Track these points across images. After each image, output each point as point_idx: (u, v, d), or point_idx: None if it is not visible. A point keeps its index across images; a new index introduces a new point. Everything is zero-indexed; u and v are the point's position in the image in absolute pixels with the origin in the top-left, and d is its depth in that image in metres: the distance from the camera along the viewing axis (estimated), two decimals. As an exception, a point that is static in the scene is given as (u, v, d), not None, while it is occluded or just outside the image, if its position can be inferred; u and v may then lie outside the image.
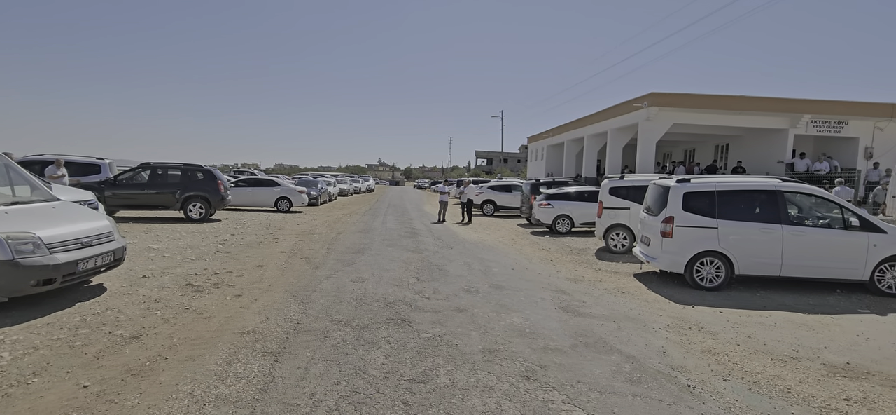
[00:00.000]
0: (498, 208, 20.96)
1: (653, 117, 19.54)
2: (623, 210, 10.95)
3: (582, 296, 6.67)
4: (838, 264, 6.99)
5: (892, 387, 3.90)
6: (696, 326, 5.45)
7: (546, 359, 4.22)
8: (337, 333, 4.68)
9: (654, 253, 7.72)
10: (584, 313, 5.80)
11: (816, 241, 7.02)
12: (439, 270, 8.12)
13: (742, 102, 19.24)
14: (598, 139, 25.59)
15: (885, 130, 19.34)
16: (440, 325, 5.05)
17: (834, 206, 7.23)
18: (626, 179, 11.50)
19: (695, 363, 4.29)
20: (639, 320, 5.56)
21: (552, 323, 5.31)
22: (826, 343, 4.93)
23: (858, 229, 6.96)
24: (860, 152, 19.52)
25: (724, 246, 7.15)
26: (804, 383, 3.94)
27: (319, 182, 24.84)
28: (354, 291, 6.37)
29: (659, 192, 8.01)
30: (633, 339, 4.88)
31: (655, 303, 6.46)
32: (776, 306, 6.35)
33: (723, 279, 7.16)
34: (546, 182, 18.26)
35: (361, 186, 41.57)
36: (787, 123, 19.36)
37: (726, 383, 3.89)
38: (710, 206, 7.29)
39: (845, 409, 3.51)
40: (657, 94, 19.19)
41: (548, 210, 14.18)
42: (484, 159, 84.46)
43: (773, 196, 7.20)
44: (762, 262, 7.11)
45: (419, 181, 69.65)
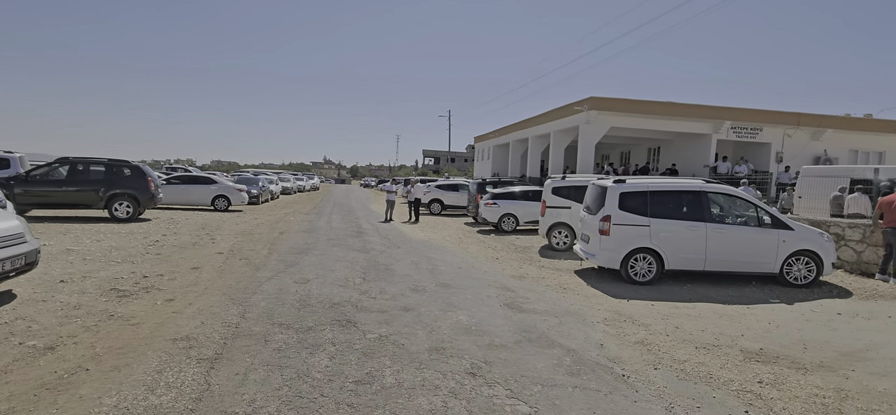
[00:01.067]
0: (445, 207, 21.10)
1: (592, 120, 20.42)
2: (565, 209, 11.38)
3: (526, 293, 6.87)
4: (754, 259, 7.65)
5: (798, 369, 4.33)
6: (630, 318, 5.77)
7: (491, 355, 4.31)
8: (279, 336, 4.53)
9: (593, 250, 8.09)
10: (527, 309, 5.97)
11: (735, 237, 7.64)
12: (386, 269, 8.06)
13: (672, 108, 20.56)
14: (541, 140, 26.41)
15: (793, 137, 21.38)
16: (387, 325, 5.02)
17: (750, 205, 7.90)
18: (567, 180, 11.95)
19: (629, 354, 4.55)
20: (578, 315, 5.81)
21: (497, 320, 5.42)
22: (743, 331, 5.38)
23: (770, 227, 7.65)
24: (772, 157, 21.44)
25: (655, 243, 7.62)
26: (724, 369, 4.28)
27: (260, 180, 23.86)
28: (298, 292, 6.19)
29: (597, 192, 8.40)
30: (574, 333, 5.09)
31: (594, 298, 6.78)
32: (701, 298, 6.85)
33: (654, 274, 7.63)
34: (492, 182, 18.62)
35: (305, 185, 40.37)
36: (711, 129, 20.91)
37: (657, 372, 4.15)
38: (643, 205, 7.74)
39: (759, 390, 3.86)
40: (596, 98, 20.08)
41: (494, 209, 14.45)
42: (431, 158, 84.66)
43: (698, 197, 7.76)
44: (689, 257, 7.64)
45: (366, 180, 68.66)
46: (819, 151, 21.54)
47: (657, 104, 20.49)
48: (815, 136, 21.44)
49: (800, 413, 3.49)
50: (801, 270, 7.56)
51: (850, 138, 21.86)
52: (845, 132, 21.73)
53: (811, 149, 21.50)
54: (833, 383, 4.03)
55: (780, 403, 3.65)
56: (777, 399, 3.70)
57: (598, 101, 20.11)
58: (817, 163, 20.50)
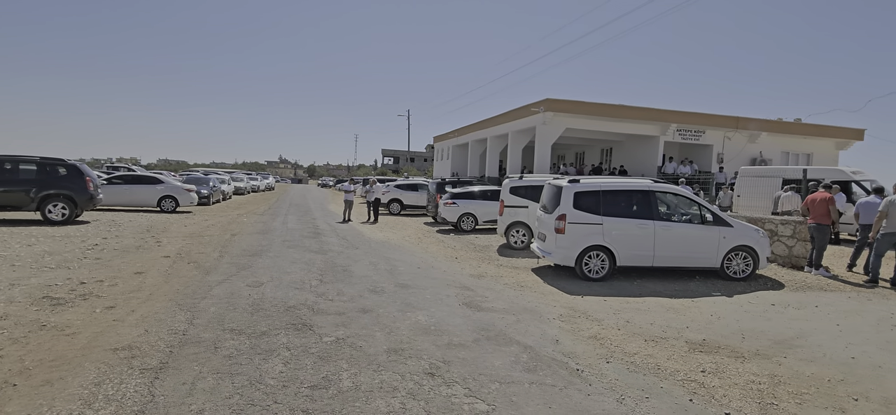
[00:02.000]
0: (404, 207, 21.01)
1: (548, 122, 20.92)
2: (522, 208, 11.59)
3: (484, 291, 6.95)
4: (697, 255, 8.07)
5: (737, 358, 4.60)
6: (584, 314, 5.95)
7: (450, 355, 4.33)
8: (230, 342, 4.36)
9: (549, 248, 8.29)
10: (486, 307, 6.04)
11: (681, 234, 8.04)
12: (344, 270, 7.93)
13: (622, 111, 21.38)
14: (500, 140, 26.80)
15: (732, 140, 22.74)
16: (344, 327, 4.94)
17: (694, 204, 8.34)
18: (524, 180, 12.18)
19: (583, 349, 4.69)
20: (535, 312, 5.93)
21: (456, 319, 5.45)
22: (688, 323, 5.67)
23: (712, 224, 8.10)
24: (714, 158, 22.72)
25: (608, 241, 7.89)
26: (671, 360, 4.50)
27: (211, 179, 22.89)
28: (251, 296, 5.98)
29: (553, 191, 8.61)
30: (531, 330, 5.20)
31: (550, 295, 6.94)
32: (649, 293, 7.16)
33: (607, 271, 7.91)
34: (451, 181, 18.71)
35: (260, 185, 39.07)
36: (659, 131, 21.91)
37: (609, 365, 4.30)
38: (596, 205, 8.01)
39: (702, 379, 4.07)
40: (552, 100, 20.58)
41: (453, 209, 14.52)
42: (391, 158, 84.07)
43: (647, 196, 8.11)
44: (639, 254, 7.97)
45: (324, 179, 67.28)
46: (755, 152, 23.03)
47: (609, 107, 21.27)
48: (752, 138, 22.91)
49: (738, 399, 3.72)
50: (740, 265, 8.05)
51: (783, 141, 23.52)
52: (778, 135, 23.35)
53: (748, 151, 22.96)
54: (768, 369, 4.32)
55: (721, 390, 3.87)
56: (718, 387, 3.92)
57: (553, 103, 20.63)
58: (754, 164, 21.92)
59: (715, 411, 3.51)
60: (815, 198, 8.63)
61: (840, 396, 3.80)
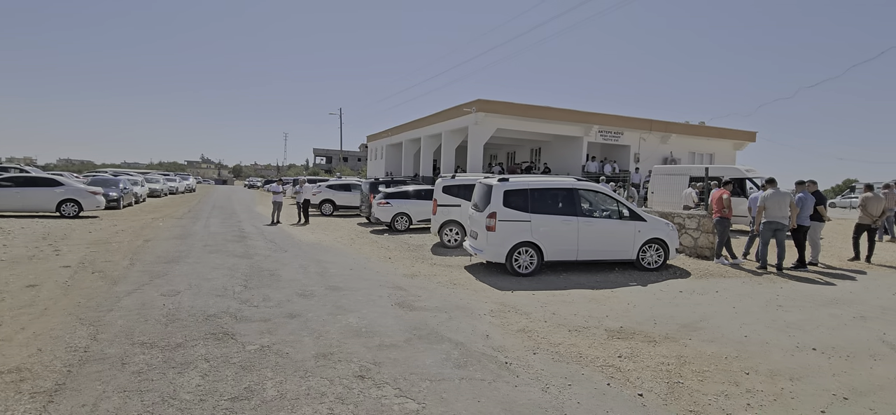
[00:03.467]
0: (337, 208, 20.52)
1: (480, 122, 21.36)
2: (455, 207, 11.74)
3: (418, 291, 6.96)
4: (617, 248, 8.63)
5: (649, 342, 4.98)
6: (514, 308, 6.15)
7: (381, 356, 4.29)
8: (140, 357, 4.02)
9: (481, 246, 8.47)
10: (419, 306, 6.06)
11: (602, 230, 8.55)
12: (271, 275, 7.60)
13: (549, 113, 22.33)
14: (433, 140, 26.96)
15: (647, 141, 24.54)
16: (270, 334, 4.74)
17: (613, 200, 8.90)
18: (457, 179, 12.35)
19: (512, 342, 4.85)
20: (467, 309, 6.04)
21: (388, 320, 5.42)
22: (607, 313, 6.05)
23: (629, 219, 8.69)
24: (631, 157, 24.39)
25: (536, 237, 8.22)
26: (592, 348, 4.77)
27: (122, 181, 20.94)
28: (165, 306, 5.56)
29: (484, 190, 8.81)
30: (462, 326, 5.29)
31: (482, 291, 7.10)
32: (574, 286, 7.55)
33: (535, 266, 8.23)
34: (385, 181, 18.54)
35: (179, 186, 36.34)
36: (582, 132, 23.14)
37: (535, 356, 4.48)
38: (525, 202, 8.31)
39: (619, 364, 4.36)
40: (483, 100, 21.04)
41: (386, 208, 14.40)
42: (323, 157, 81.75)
43: (571, 193, 8.54)
44: (564, 249, 8.38)
45: (251, 180, 63.97)
46: (667, 152, 25.02)
47: (537, 108, 22.13)
48: (664, 139, 24.86)
49: (650, 380, 4.02)
50: (653, 256, 8.71)
51: (689, 142, 25.76)
52: (686, 137, 25.54)
53: (661, 151, 24.90)
54: (675, 351, 4.71)
55: (635, 373, 4.16)
56: (633, 370, 4.22)
57: (485, 103, 21.10)
58: (665, 163, 23.81)
59: (629, 392, 3.78)
60: (717, 195, 9.54)
61: (734, 371, 4.23)
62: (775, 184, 8.91)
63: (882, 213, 9.79)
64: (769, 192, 8.78)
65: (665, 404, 3.60)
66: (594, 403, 3.57)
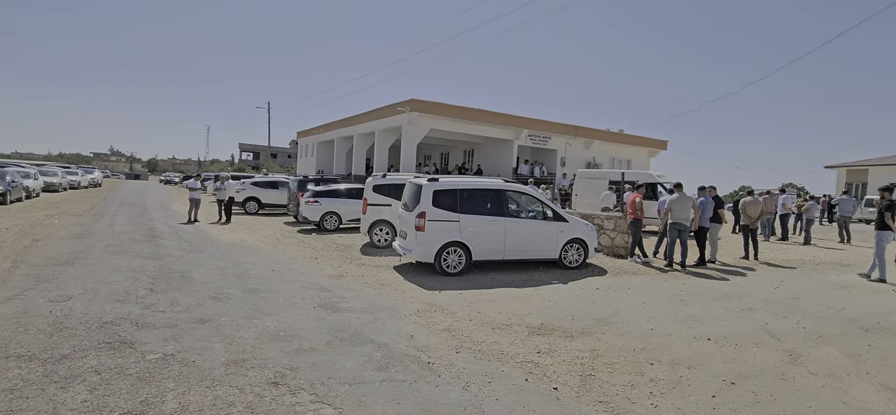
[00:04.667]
0: (263, 206, 19.55)
1: (414, 122, 21.32)
2: (385, 207, 11.61)
3: (343, 292, 6.78)
4: (541, 247, 8.96)
5: (567, 337, 5.20)
6: (440, 308, 6.17)
7: (298, 360, 4.12)
8: (14, 372, 3.55)
9: (410, 246, 8.43)
10: (343, 308, 5.90)
11: (527, 230, 8.84)
12: (182, 277, 7.06)
13: (482, 115, 22.77)
14: (366, 138, 26.53)
15: (572, 146, 25.80)
16: (175, 341, 4.38)
17: (538, 202, 9.23)
18: (388, 178, 12.22)
19: (436, 342, 4.85)
20: (393, 309, 5.97)
21: (309, 322, 5.22)
22: (529, 310, 6.25)
23: (553, 220, 9.06)
24: (558, 161, 25.52)
25: (464, 237, 8.32)
26: (513, 345, 4.90)
27: (8, 173, 18.49)
28: (52, 313, 4.96)
29: (414, 190, 8.78)
30: (387, 327, 5.21)
31: (409, 291, 7.06)
32: (500, 284, 7.73)
33: (464, 265, 8.33)
34: (315, 179, 17.95)
35: (81, 180, 32.67)
36: (513, 135, 23.84)
37: (458, 355, 4.52)
38: (454, 203, 8.38)
39: (537, 359, 4.51)
40: (417, 100, 21.03)
41: (315, 207, 13.94)
42: (250, 153, 77.68)
43: (498, 194, 8.75)
44: (491, 248, 8.56)
45: (167, 175, 59.25)
46: (590, 157, 26.46)
47: (470, 110, 22.49)
48: (587, 145, 26.28)
49: (565, 374, 4.20)
50: (574, 255, 9.15)
51: (610, 148, 27.42)
52: (607, 143, 27.16)
53: (584, 155, 26.28)
54: (590, 345, 4.96)
55: (552, 367, 4.33)
56: (550, 365, 4.38)
57: (418, 103, 21.10)
58: (588, 167, 25.17)
59: (545, 387, 3.91)
60: (631, 199, 10.22)
61: (641, 362, 4.53)
62: (682, 188, 9.69)
63: (760, 215, 11.01)
64: (675, 196, 9.54)
65: (577, 396, 3.77)
66: (512, 398, 3.66)
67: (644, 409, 3.60)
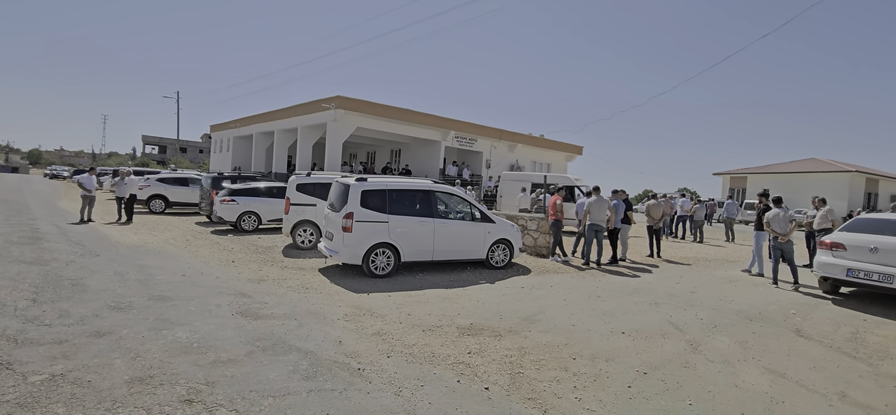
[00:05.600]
0: (171, 205, 17.96)
1: (339, 119, 20.75)
2: (310, 206, 11.16)
3: (264, 297, 6.41)
4: (469, 248, 9.11)
5: (495, 336, 5.32)
6: (369, 311, 6.04)
7: (215, 374, 3.81)
8: None
9: (337, 247, 8.18)
10: (264, 314, 5.57)
11: (456, 231, 8.95)
12: (74, 285, 6.26)
13: (409, 115, 22.73)
14: (288, 135, 25.39)
15: (497, 148, 26.60)
16: (65, 359, 3.86)
17: (466, 202, 9.38)
18: (313, 177, 11.76)
19: (365, 347, 4.74)
20: (320, 314, 5.74)
21: (227, 332, 4.86)
22: (459, 311, 6.31)
23: (480, 221, 9.25)
24: (484, 163, 26.17)
25: (393, 238, 8.22)
26: (444, 346, 4.91)
27: None
28: None
29: (341, 190, 8.53)
30: (313, 334, 5.00)
31: (336, 295, 6.84)
32: (429, 285, 7.74)
33: (392, 267, 8.23)
34: (231, 175, 16.82)
35: (-63, 172, 27.88)
36: (440, 136, 24.06)
37: (389, 360, 4.44)
38: (383, 203, 8.26)
39: (468, 360, 4.56)
40: (343, 97, 20.49)
41: (231, 207, 13.06)
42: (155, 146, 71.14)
43: (428, 195, 8.76)
44: (421, 249, 8.54)
45: (54, 169, 52.44)
46: (513, 160, 27.44)
47: (397, 110, 22.34)
48: (511, 148, 27.23)
49: (495, 373, 4.29)
50: (500, 255, 9.41)
51: (532, 152, 28.64)
52: (529, 147, 28.34)
53: (508, 158, 27.21)
54: (517, 343, 5.11)
55: (483, 367, 4.40)
56: (480, 365, 4.45)
57: (345, 100, 20.57)
58: (512, 170, 26.09)
59: (477, 387, 3.97)
60: (553, 201, 10.73)
61: (564, 357, 4.76)
62: (599, 192, 10.35)
63: (662, 216, 12.14)
64: (593, 199, 10.17)
65: (508, 394, 3.86)
66: (445, 401, 3.66)
67: (569, 402, 3.77)
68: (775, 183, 31.64)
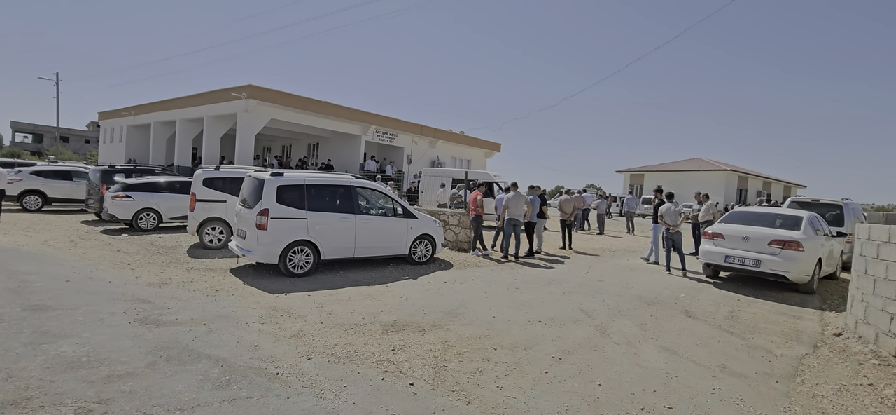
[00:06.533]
0: (50, 201, 15.76)
1: (251, 109, 19.58)
2: (219, 203, 10.40)
3: (168, 302, 5.88)
4: (391, 244, 9.05)
5: (419, 331, 5.35)
6: (287, 312, 5.78)
7: (110, 390, 3.43)
8: None
9: (250, 246, 7.72)
10: (168, 321, 5.11)
11: (378, 226, 8.84)
12: (-80, 298, 5.28)
13: (328, 108, 22.04)
14: (193, 125, 23.44)
15: (418, 144, 26.69)
16: (-88, 386, 3.25)
17: (388, 198, 9.31)
18: (222, 170, 10.96)
19: (284, 350, 4.53)
20: (232, 318, 5.39)
21: (124, 342, 4.39)
22: (382, 308, 6.26)
23: (402, 217, 9.23)
24: (405, 159, 26.13)
25: (312, 235, 7.93)
26: (368, 344, 4.85)
27: None
28: None
29: (254, 185, 8.05)
30: (225, 339, 4.68)
31: (250, 296, 6.46)
32: (350, 283, 7.58)
33: (312, 265, 7.95)
34: (126, 169, 15.15)
35: None
36: (360, 131, 23.63)
37: (310, 362, 4.29)
38: (301, 199, 7.93)
39: (392, 357, 4.55)
40: (255, 86, 19.34)
41: (126, 203, 11.78)
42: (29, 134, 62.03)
43: (349, 191, 8.56)
44: (342, 246, 8.34)
45: None
46: (435, 155, 27.70)
47: (315, 102, 21.54)
48: (432, 144, 27.46)
49: (420, 368, 4.31)
50: (423, 250, 9.47)
51: (453, 148, 29.12)
52: (450, 143, 28.78)
53: (429, 154, 27.42)
54: (441, 337, 5.19)
55: (407, 363, 4.41)
56: (405, 361, 4.46)
57: (258, 90, 19.41)
58: (433, 165, 26.33)
59: (402, 384, 3.97)
60: (474, 196, 11.00)
61: (486, 348, 4.91)
62: (517, 187, 10.79)
63: (573, 210, 13.02)
64: (512, 194, 10.59)
65: (433, 389, 3.91)
66: (369, 400, 3.62)
67: (491, 392, 3.91)
68: (667, 180, 35.14)
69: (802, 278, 8.00)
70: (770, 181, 39.65)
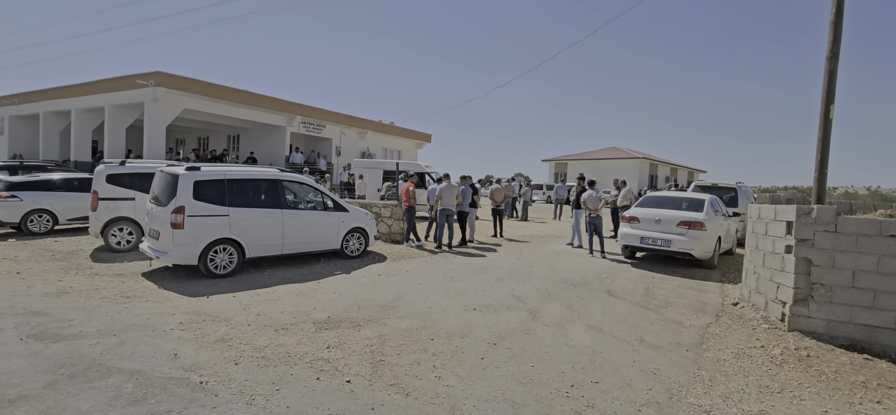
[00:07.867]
0: None
1: (161, 98, 18.02)
2: (126, 201, 9.48)
3: (69, 313, 5.28)
4: (322, 239, 8.77)
5: (355, 327, 5.25)
6: (210, 316, 5.42)
7: (0, 417, 3.02)
8: None
9: (165, 247, 7.13)
10: (70, 334, 4.59)
11: (307, 221, 8.53)
12: None
13: (249, 98, 20.81)
14: (92, 115, 21.11)
15: (347, 135, 26.07)
16: None
17: (317, 192, 9.00)
18: (129, 165, 9.99)
19: (208, 356, 4.25)
20: (147, 326, 4.96)
21: (15, 361, 3.88)
22: (314, 305, 6.06)
23: (333, 210, 8.98)
24: (334, 150, 25.42)
25: (235, 232, 7.49)
26: (300, 344, 4.68)
27: None
28: None
29: (167, 180, 7.43)
30: (140, 350, 4.30)
31: (167, 301, 5.97)
32: (280, 281, 7.26)
33: (236, 264, 7.50)
34: (10, 165, 13.34)
35: None
36: (285, 122, 22.60)
37: (238, 367, 4.06)
38: (221, 194, 7.44)
39: (327, 355, 4.42)
40: (165, 74, 17.80)
41: (13, 204, 10.38)
42: None
43: (274, 185, 8.17)
44: (268, 243, 7.95)
45: None
46: (364, 147, 27.20)
47: (234, 91, 20.24)
48: (361, 135, 26.93)
49: (356, 364, 4.24)
50: (355, 244, 9.29)
51: (383, 139, 28.76)
52: (379, 134, 28.39)
53: (359, 145, 26.88)
54: (377, 331, 5.13)
55: (343, 360, 4.31)
56: (341, 358, 4.35)
57: (167, 77, 17.86)
58: (363, 157, 25.86)
59: (338, 381, 3.87)
60: (405, 188, 10.94)
61: (423, 339, 4.93)
62: (449, 178, 10.88)
63: (503, 199, 13.45)
64: (444, 185, 10.67)
65: (370, 384, 3.86)
66: (304, 401, 3.50)
67: (430, 382, 3.93)
68: (588, 168, 37.23)
69: (705, 255, 8.85)
70: (677, 167, 43.39)
